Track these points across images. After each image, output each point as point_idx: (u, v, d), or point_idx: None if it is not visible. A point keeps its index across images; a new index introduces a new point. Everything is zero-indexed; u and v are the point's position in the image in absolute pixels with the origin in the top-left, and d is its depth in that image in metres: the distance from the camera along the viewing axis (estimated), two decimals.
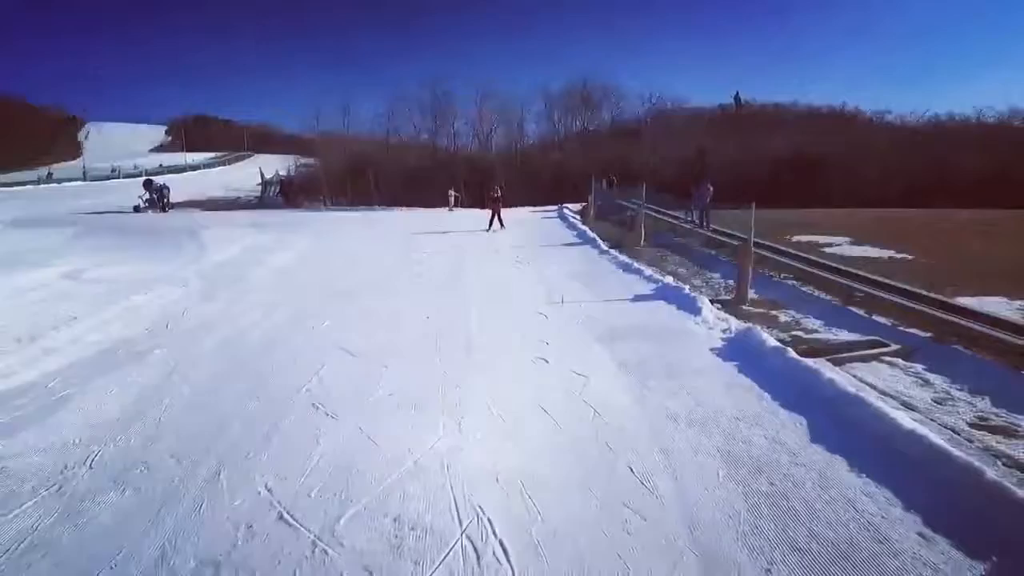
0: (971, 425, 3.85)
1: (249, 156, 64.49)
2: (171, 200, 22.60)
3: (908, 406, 4.07)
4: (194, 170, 51.46)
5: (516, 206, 21.05)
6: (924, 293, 6.72)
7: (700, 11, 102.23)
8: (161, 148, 74.68)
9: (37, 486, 3.18)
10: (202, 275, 9.31)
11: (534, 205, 22.27)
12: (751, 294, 7.25)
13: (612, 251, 10.80)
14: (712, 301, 6.75)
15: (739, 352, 5.00)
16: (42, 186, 38.01)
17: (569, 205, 20.32)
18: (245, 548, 2.65)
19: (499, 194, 15.40)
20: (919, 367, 4.89)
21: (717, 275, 8.99)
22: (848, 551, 2.55)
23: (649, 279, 8.06)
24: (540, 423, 3.85)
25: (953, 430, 3.73)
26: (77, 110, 69.61)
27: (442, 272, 9.41)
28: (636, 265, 9.00)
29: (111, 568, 2.53)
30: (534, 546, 2.62)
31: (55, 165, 52.89)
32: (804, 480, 3.11)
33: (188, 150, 59.12)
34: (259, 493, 3.07)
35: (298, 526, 2.79)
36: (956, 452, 3.16)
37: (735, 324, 5.72)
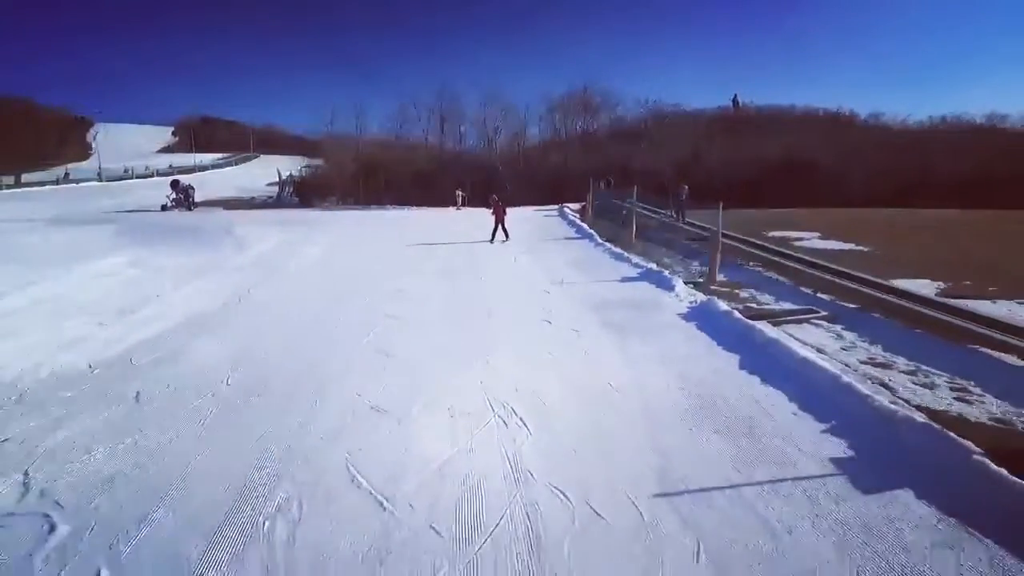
0: (861, 362, 5.25)
1: (255, 157, 65.77)
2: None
3: (819, 350, 5.46)
4: (203, 171, 52.83)
5: (519, 206, 22.42)
6: (863, 276, 8.12)
7: (700, 16, 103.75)
8: (168, 149, 75.86)
9: (199, 392, 4.58)
10: (249, 264, 10.70)
11: (536, 205, 23.63)
12: (721, 277, 8.65)
13: (607, 244, 12.18)
14: (686, 283, 8.15)
15: (699, 315, 6.41)
16: (61, 186, 39.39)
17: (570, 205, 21.66)
18: (354, 425, 4.05)
19: (499, 201, 14.03)
20: (839, 327, 6.29)
21: (696, 263, 10.40)
22: (748, 421, 3.95)
23: (636, 265, 9.47)
24: (546, 360, 5.26)
25: (846, 364, 5.13)
26: (83, 111, 70.92)
27: (458, 261, 10.80)
28: (626, 255, 10.41)
29: (268, 436, 3.91)
30: (543, 421, 4.02)
31: (69, 165, 54.25)
32: (727, 389, 4.52)
33: (194, 150, 60.48)
34: (352, 398, 4.47)
35: (385, 412, 4.19)
36: (836, 372, 4.55)
37: (700, 297, 7.12)
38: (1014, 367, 4.97)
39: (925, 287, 7.87)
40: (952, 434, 3.38)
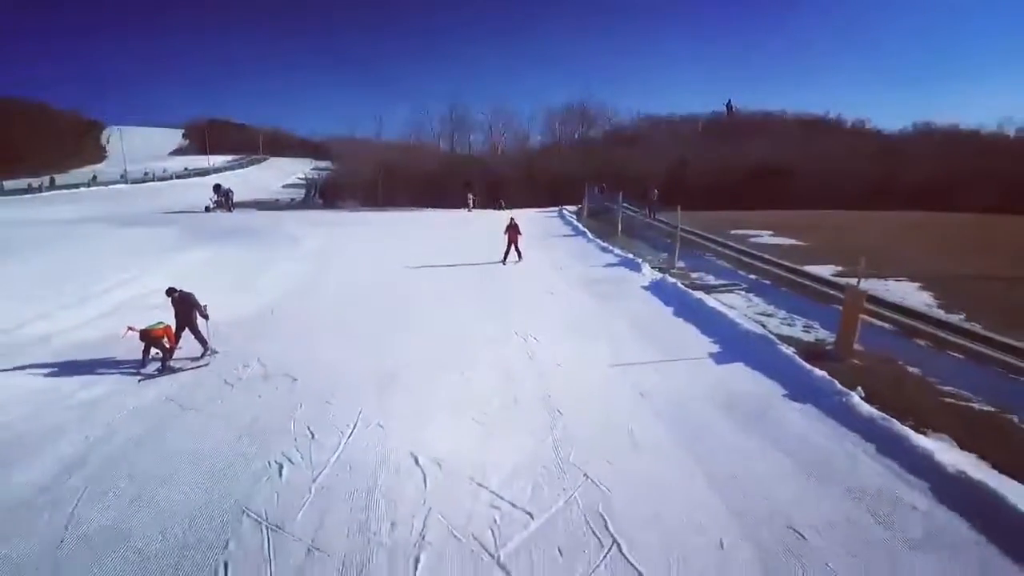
0: (756, 313, 8.00)
1: (264, 159, 68.01)
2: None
3: (730, 306, 8.21)
4: (218, 172, 55.23)
5: (523, 208, 25.16)
6: (781, 262, 10.85)
7: (698, 21, 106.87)
8: (180, 151, 77.92)
9: (332, 328, 7.33)
10: (311, 256, 13.40)
11: (538, 207, 26.34)
12: (680, 264, 11.40)
13: (597, 240, 14.91)
14: (653, 267, 10.90)
15: (655, 287, 9.20)
16: (92, 188, 41.83)
17: (568, 206, 24.36)
18: (435, 343, 6.80)
19: (513, 222, 12.30)
20: (752, 295, 9.05)
21: (665, 254, 13.12)
22: (678, 343, 6.69)
23: (617, 255, 12.25)
24: (549, 314, 8.02)
25: (744, 314, 7.87)
26: (94, 113, 73.35)
27: (478, 251, 13.49)
28: (611, 248, 13.17)
29: (388, 348, 6.65)
30: (551, 341, 6.78)
31: (91, 168, 56.59)
32: (664, 327, 7.30)
33: (204, 153, 62.76)
34: (429, 329, 7.22)
35: (450, 334, 6.96)
36: (726, 313, 7.31)
37: (658, 276, 9.89)
38: None
39: (827, 270, 10.59)
40: (773, 338, 6.16)
